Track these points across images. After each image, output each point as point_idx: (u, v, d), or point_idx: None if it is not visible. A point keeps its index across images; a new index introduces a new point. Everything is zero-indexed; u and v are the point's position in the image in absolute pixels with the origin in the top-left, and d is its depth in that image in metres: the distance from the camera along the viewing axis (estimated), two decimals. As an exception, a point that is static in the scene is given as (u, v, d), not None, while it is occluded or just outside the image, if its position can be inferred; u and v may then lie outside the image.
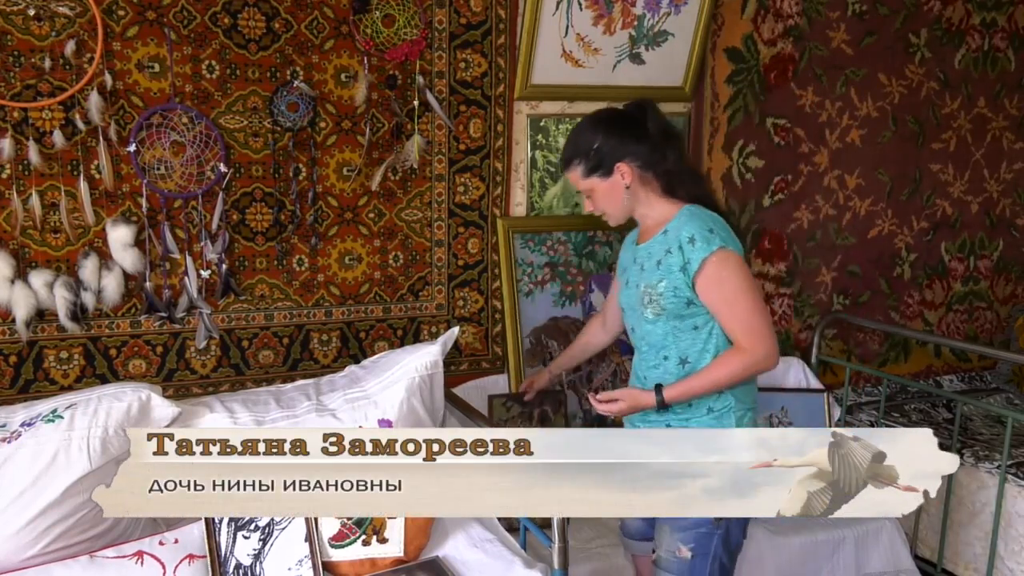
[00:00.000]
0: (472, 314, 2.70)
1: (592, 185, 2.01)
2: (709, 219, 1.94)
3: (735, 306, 1.90)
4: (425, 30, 2.45)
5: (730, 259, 1.90)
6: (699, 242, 1.89)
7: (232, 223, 2.36)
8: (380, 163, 2.48)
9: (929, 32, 3.22)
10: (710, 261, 1.88)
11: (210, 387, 2.41)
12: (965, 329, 3.56)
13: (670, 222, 1.97)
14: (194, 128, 2.27)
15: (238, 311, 2.41)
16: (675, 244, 1.93)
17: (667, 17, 2.71)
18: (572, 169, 2.03)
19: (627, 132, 1.99)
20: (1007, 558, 2.57)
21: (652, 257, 1.99)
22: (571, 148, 2.04)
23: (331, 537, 2.01)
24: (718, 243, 1.89)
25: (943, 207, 3.42)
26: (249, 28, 2.29)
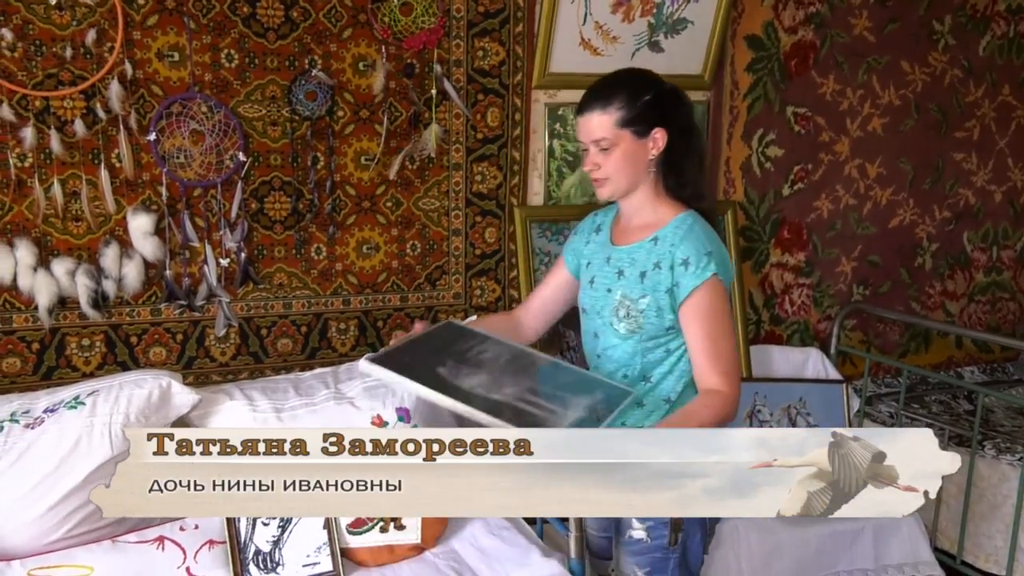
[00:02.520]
0: (489, 303, 2.70)
1: (619, 139, 1.74)
2: (706, 238, 1.76)
3: (717, 343, 1.74)
4: (443, 18, 2.45)
5: (719, 289, 1.74)
6: (692, 267, 1.72)
7: (251, 212, 2.37)
8: (398, 152, 2.48)
9: (953, 19, 3.17)
10: (700, 290, 1.72)
11: (229, 375, 2.43)
12: (987, 320, 3.53)
13: (662, 228, 1.78)
14: (213, 117, 2.28)
15: (257, 299, 2.43)
16: (666, 261, 1.75)
17: (687, 5, 2.68)
18: (605, 110, 1.73)
19: (675, 103, 1.78)
20: (1028, 551, 2.55)
21: (635, 265, 1.80)
22: (613, 87, 1.76)
23: (349, 524, 2.02)
24: (712, 270, 1.72)
25: (966, 196, 3.38)
26: (268, 17, 2.30)
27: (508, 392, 1.68)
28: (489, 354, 1.79)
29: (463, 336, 1.86)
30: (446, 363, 1.72)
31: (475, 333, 1.88)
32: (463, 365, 1.73)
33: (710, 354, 1.74)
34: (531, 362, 1.84)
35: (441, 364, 1.71)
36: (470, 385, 1.68)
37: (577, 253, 1.98)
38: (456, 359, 1.74)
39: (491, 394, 1.66)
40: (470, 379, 1.70)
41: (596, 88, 1.79)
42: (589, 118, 1.75)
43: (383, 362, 1.66)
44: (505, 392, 1.68)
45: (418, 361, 1.71)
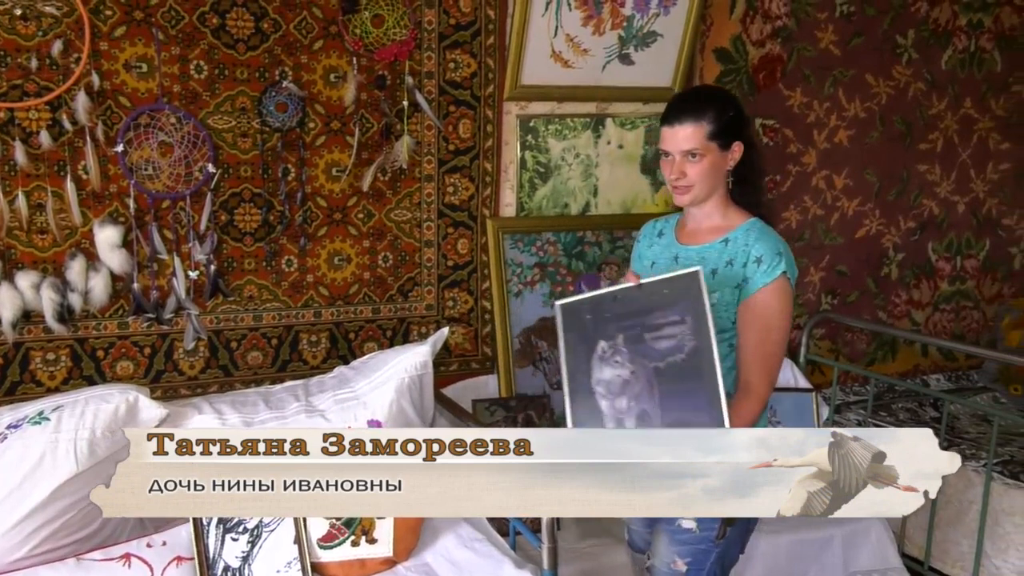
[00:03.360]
0: (462, 314, 2.70)
1: (707, 150, 1.81)
2: (776, 240, 1.85)
3: (768, 342, 1.79)
4: (414, 30, 2.45)
5: (785, 289, 1.80)
6: (765, 265, 1.79)
7: (220, 224, 2.35)
8: (369, 163, 2.47)
9: (916, 33, 3.24)
10: (768, 288, 1.78)
11: (198, 388, 2.40)
12: (952, 328, 3.59)
13: (733, 231, 1.86)
14: (182, 128, 2.26)
15: (226, 312, 2.40)
16: (739, 258, 1.81)
17: (656, 18, 2.71)
18: (697, 123, 1.80)
19: (748, 121, 1.89)
20: (993, 556, 2.59)
21: (706, 263, 1.85)
22: (705, 102, 1.84)
23: (320, 538, 2.00)
24: (782, 269, 1.79)
25: (930, 207, 3.44)
26: (237, 28, 2.28)
27: (621, 405, 1.70)
28: (666, 344, 1.71)
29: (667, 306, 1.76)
30: (616, 336, 1.72)
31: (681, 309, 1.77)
32: (631, 345, 1.71)
33: (758, 351, 1.79)
34: (694, 385, 1.71)
35: (611, 336, 1.72)
36: (598, 379, 1.70)
37: (642, 256, 2.04)
38: (634, 333, 1.72)
39: (608, 400, 1.69)
40: (612, 369, 1.71)
41: (688, 101, 1.89)
42: (682, 129, 1.83)
43: (566, 312, 1.74)
44: (618, 403, 1.70)
45: (595, 323, 1.73)
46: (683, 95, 1.98)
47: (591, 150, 2.80)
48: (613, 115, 2.82)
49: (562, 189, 2.79)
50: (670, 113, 1.85)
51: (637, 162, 2.88)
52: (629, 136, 2.85)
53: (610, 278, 2.82)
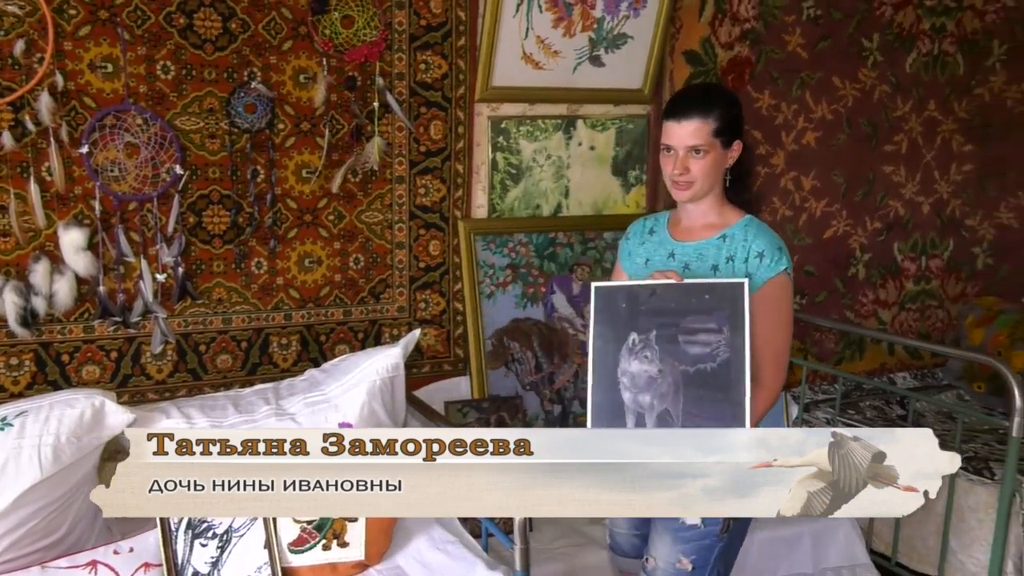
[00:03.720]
0: (434, 316, 2.70)
1: (712, 146, 1.82)
2: (774, 236, 1.86)
3: (775, 337, 1.82)
4: (385, 31, 2.44)
5: (788, 285, 1.83)
6: (768, 259, 1.81)
7: (188, 226, 2.32)
8: (340, 165, 2.46)
9: (881, 36, 3.28)
10: (774, 282, 1.80)
11: (166, 393, 2.37)
12: (917, 327, 3.64)
13: (730, 227, 1.87)
14: (148, 129, 2.23)
15: (195, 315, 2.38)
16: (740, 254, 1.83)
17: (626, 20, 2.72)
18: (705, 119, 1.81)
19: (744, 121, 1.90)
20: (959, 551, 2.63)
21: (704, 260, 1.87)
22: (712, 99, 1.85)
23: (291, 542, 1.99)
24: (784, 264, 1.82)
25: (895, 208, 3.49)
26: (205, 28, 2.26)
27: (644, 400, 1.70)
28: (699, 350, 1.71)
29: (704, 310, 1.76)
30: (650, 331, 1.71)
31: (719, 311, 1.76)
32: (663, 344, 1.70)
33: (768, 345, 1.80)
34: (720, 397, 1.71)
35: (645, 330, 1.71)
36: (624, 370, 1.71)
37: (633, 254, 2.03)
38: (668, 332, 1.71)
39: (631, 393, 1.70)
40: (640, 364, 1.71)
41: (695, 96, 1.90)
42: (688, 124, 1.82)
43: (602, 296, 1.74)
44: (641, 398, 1.70)
45: (629, 314, 1.72)
46: (690, 90, 1.98)
47: (562, 152, 2.81)
48: (584, 117, 2.82)
49: (534, 190, 2.79)
50: (676, 107, 1.85)
51: (608, 163, 2.89)
52: (600, 138, 2.86)
53: (582, 279, 2.83)
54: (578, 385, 2.77)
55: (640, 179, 2.94)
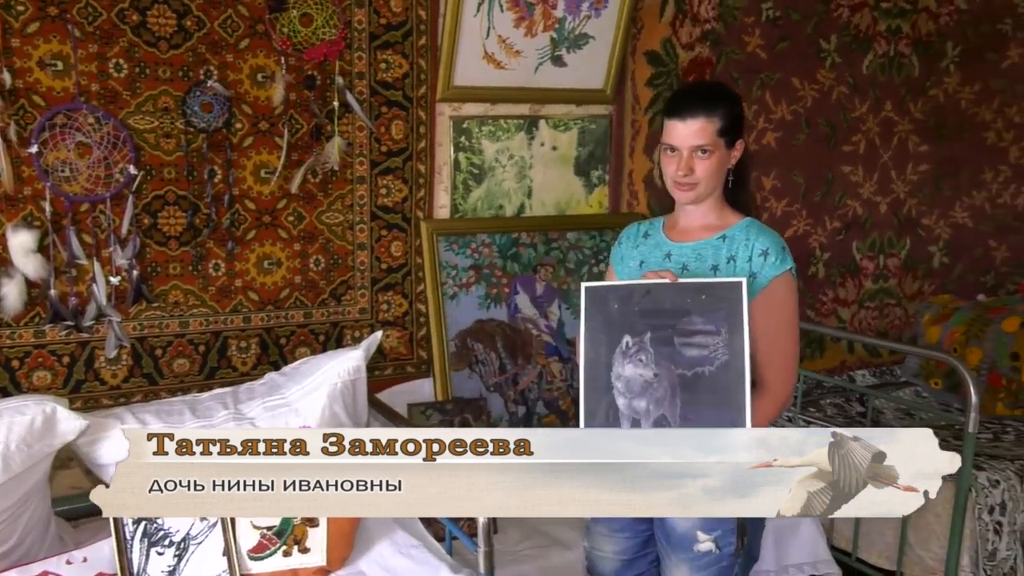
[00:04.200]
0: (396, 318, 2.67)
1: (716, 146, 1.77)
2: (777, 236, 1.81)
3: (781, 337, 1.77)
4: (344, 30, 2.41)
5: (793, 285, 1.79)
6: (773, 258, 1.76)
7: (143, 227, 2.28)
8: (299, 165, 2.43)
9: (839, 38, 3.32)
10: (779, 281, 1.75)
11: (121, 398, 2.32)
12: (876, 325, 3.69)
13: (730, 228, 1.82)
14: (101, 129, 2.18)
15: (151, 318, 2.33)
16: (742, 252, 1.78)
17: (587, 20, 2.72)
18: (709, 118, 1.76)
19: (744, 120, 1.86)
20: (917, 546, 2.67)
21: (703, 260, 1.82)
22: (716, 97, 1.80)
23: (250, 549, 1.96)
24: (789, 264, 1.77)
25: (854, 207, 3.53)
26: (159, 26, 2.22)
27: (639, 406, 1.66)
28: (696, 352, 1.65)
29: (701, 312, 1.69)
30: (644, 332, 1.65)
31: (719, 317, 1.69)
32: (659, 346, 1.65)
33: (775, 347, 1.76)
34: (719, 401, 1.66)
35: (639, 332, 1.65)
36: (618, 374, 1.66)
37: (626, 257, 1.97)
38: (663, 334, 1.65)
39: (625, 398, 1.65)
40: (635, 368, 1.66)
41: (699, 95, 1.84)
42: (694, 123, 1.77)
43: (593, 297, 1.69)
44: (636, 404, 1.65)
45: (622, 315, 1.66)
46: (693, 88, 1.92)
47: (525, 152, 2.80)
48: (546, 117, 2.82)
49: (496, 191, 2.78)
50: (680, 106, 1.79)
51: (571, 164, 2.89)
52: (563, 138, 2.86)
53: (545, 279, 2.83)
54: (542, 386, 2.77)
55: (603, 179, 2.95)
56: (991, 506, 2.60)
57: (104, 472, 2.03)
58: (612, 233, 2.94)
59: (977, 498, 2.58)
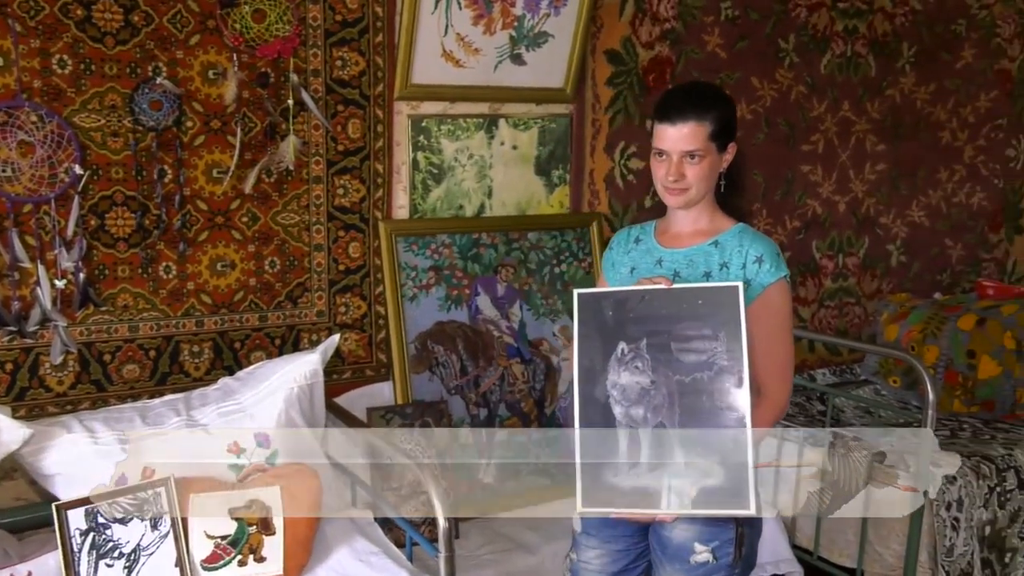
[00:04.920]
0: (355, 320, 2.62)
1: (707, 151, 1.74)
2: (771, 242, 1.80)
3: (776, 344, 1.75)
4: (298, 26, 2.36)
5: (788, 292, 1.77)
6: (768, 264, 1.74)
7: (90, 229, 2.21)
8: (253, 164, 2.37)
9: (797, 38, 3.34)
10: (774, 288, 1.73)
11: (68, 405, 2.25)
12: (836, 324, 3.72)
13: (722, 234, 1.80)
14: (44, 127, 2.11)
15: (99, 323, 2.26)
16: (735, 259, 1.75)
17: (547, 18, 2.70)
18: (700, 122, 1.72)
19: (737, 122, 1.83)
20: (876, 543, 2.67)
21: (695, 266, 1.79)
22: (707, 100, 1.76)
23: (204, 559, 1.91)
24: (784, 271, 1.75)
25: (813, 207, 3.56)
26: (105, 20, 2.15)
27: (636, 414, 1.62)
28: (694, 358, 1.62)
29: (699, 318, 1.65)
30: (640, 339, 1.62)
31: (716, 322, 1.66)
32: (655, 353, 1.62)
33: (772, 354, 1.74)
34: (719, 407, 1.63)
35: (634, 338, 1.62)
36: (614, 382, 1.62)
37: (617, 263, 1.94)
38: (659, 340, 1.61)
39: (622, 407, 1.62)
40: (631, 375, 1.62)
41: (689, 98, 1.79)
42: (685, 127, 1.73)
43: (586, 304, 1.65)
44: (634, 412, 1.62)
45: (616, 322, 1.62)
46: (682, 90, 1.88)
47: (485, 151, 2.77)
48: (506, 116, 2.79)
49: (456, 190, 2.75)
50: (670, 109, 1.76)
51: (531, 163, 2.86)
52: (523, 137, 2.83)
53: (506, 280, 2.80)
54: (504, 388, 2.74)
55: (564, 179, 2.93)
56: (948, 502, 2.62)
57: (50, 482, 1.98)
58: (574, 233, 2.92)
59: (935, 495, 2.60)
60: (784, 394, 1.78)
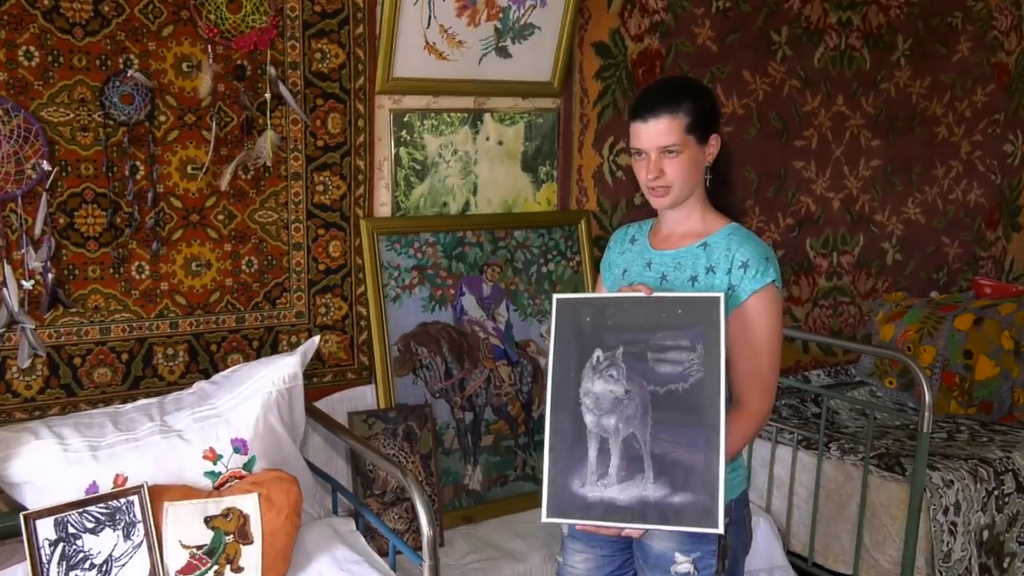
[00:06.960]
0: (335, 322, 2.55)
1: (686, 144, 1.70)
2: (761, 245, 1.74)
3: (761, 355, 1.69)
4: (276, 17, 2.29)
5: (776, 299, 1.71)
6: (753, 270, 1.68)
7: (59, 227, 2.14)
8: (229, 161, 2.30)
9: (789, 30, 3.28)
10: (760, 295, 1.68)
11: (36, 411, 2.18)
12: (830, 324, 3.67)
13: (712, 235, 1.75)
14: (10, 121, 2.04)
15: (68, 325, 2.19)
16: (722, 264, 1.71)
17: (533, 10, 2.64)
18: (674, 115, 1.68)
19: (720, 112, 1.76)
20: (872, 548, 2.63)
21: (682, 269, 1.76)
22: (679, 92, 1.72)
23: (179, 570, 1.87)
24: (771, 277, 1.69)
25: (807, 204, 3.50)
26: (73, 11, 2.08)
27: (608, 423, 1.59)
28: (670, 368, 1.58)
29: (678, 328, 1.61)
30: (616, 347, 1.60)
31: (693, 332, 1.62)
32: (631, 362, 1.59)
33: (752, 366, 1.69)
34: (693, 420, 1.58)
35: (610, 346, 1.60)
36: (587, 390, 1.60)
37: (612, 264, 1.93)
38: (636, 349, 1.58)
39: (593, 415, 1.59)
40: (605, 384, 1.59)
41: (661, 93, 1.75)
42: (656, 123, 1.69)
43: (563, 309, 1.64)
44: (605, 421, 1.59)
45: (594, 328, 1.60)
46: (654, 86, 1.85)
47: (469, 146, 2.70)
48: (492, 110, 2.73)
49: (440, 187, 2.68)
50: (641, 106, 1.73)
51: (518, 159, 2.80)
52: (509, 132, 2.76)
53: (492, 280, 2.73)
54: (490, 391, 2.67)
55: (551, 175, 2.86)
56: (946, 506, 2.57)
57: (17, 491, 1.92)
58: (561, 231, 2.86)
59: (932, 499, 2.54)
60: (764, 406, 1.72)
